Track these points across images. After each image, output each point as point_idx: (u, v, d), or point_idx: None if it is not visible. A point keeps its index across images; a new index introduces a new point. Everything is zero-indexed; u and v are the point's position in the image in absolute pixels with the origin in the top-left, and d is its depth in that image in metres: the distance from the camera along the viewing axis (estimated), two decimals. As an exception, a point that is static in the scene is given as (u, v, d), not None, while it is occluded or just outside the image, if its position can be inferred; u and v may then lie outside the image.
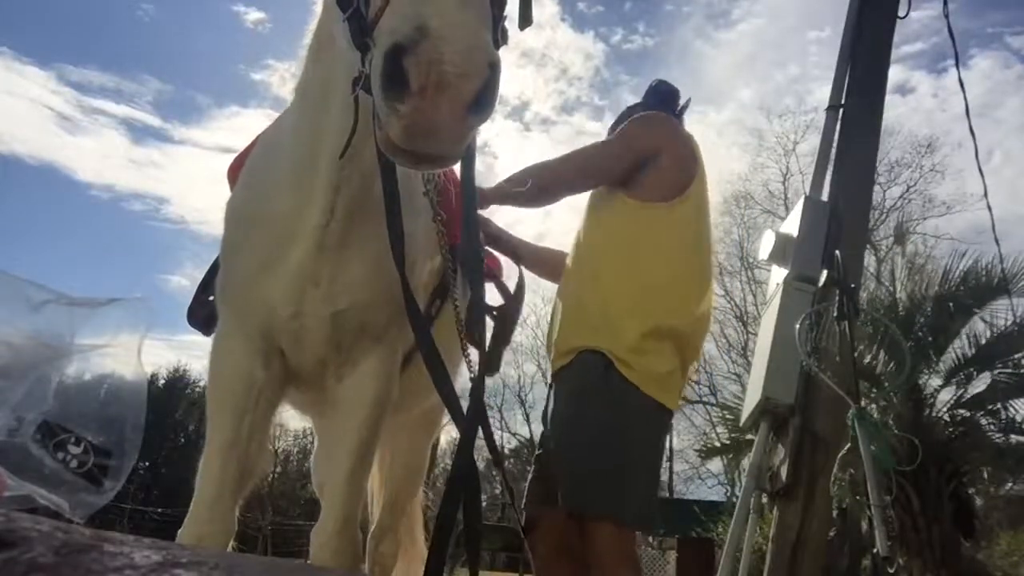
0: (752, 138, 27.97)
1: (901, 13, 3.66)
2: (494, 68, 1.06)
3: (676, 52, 36.05)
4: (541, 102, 39.21)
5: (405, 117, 1.06)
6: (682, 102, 2.47)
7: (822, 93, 3.74)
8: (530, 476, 2.30)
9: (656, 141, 2.22)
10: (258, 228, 1.75)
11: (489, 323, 2.34)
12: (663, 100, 2.45)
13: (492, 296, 2.36)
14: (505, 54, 1.20)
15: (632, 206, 2.17)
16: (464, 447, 1.52)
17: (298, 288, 1.69)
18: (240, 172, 1.94)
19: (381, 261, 1.61)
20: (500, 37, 1.29)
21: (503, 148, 39.83)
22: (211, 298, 2.01)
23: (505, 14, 1.30)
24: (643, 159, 2.19)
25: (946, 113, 27.79)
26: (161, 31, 46.47)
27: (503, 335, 2.23)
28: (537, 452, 2.33)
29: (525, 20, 1.46)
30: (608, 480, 1.98)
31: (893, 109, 29.55)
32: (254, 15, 41.69)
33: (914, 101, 31.41)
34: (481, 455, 2.11)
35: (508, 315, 2.29)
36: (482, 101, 1.07)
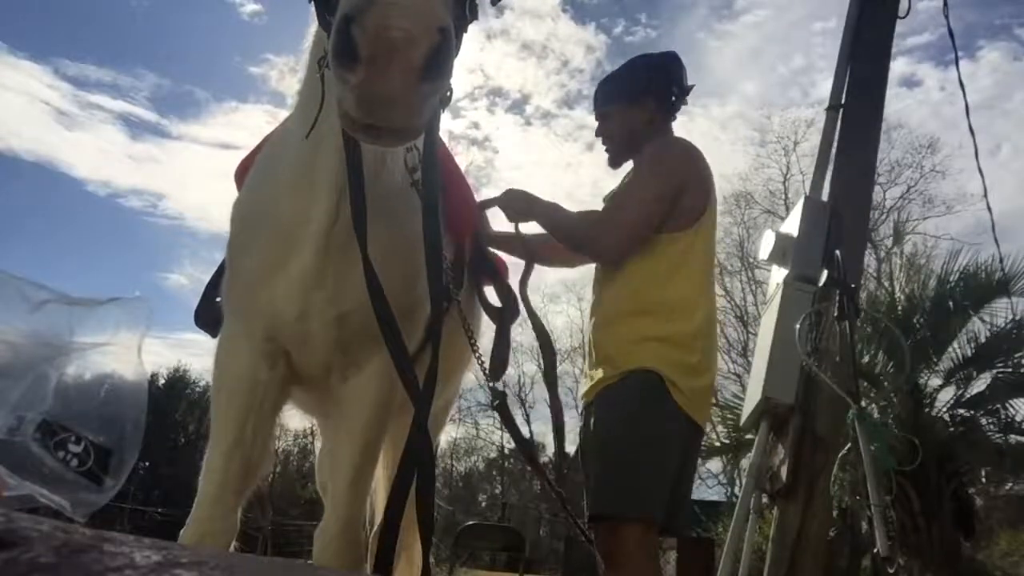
0: (756, 132, 27.96)
1: (901, 13, 3.66)
2: (444, 33, 1.06)
3: (679, 44, 35.71)
4: (542, 95, 39.10)
5: (356, 87, 1.06)
6: (688, 82, 2.38)
7: (827, 86, 3.76)
8: None
9: (682, 179, 2.18)
10: (263, 230, 1.75)
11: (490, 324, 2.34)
12: (663, 81, 2.33)
13: (492, 298, 2.36)
14: (505, 46, 1.19)
15: (660, 239, 2.18)
16: (419, 424, 1.51)
17: (303, 291, 1.68)
18: (247, 174, 1.95)
19: (386, 262, 1.60)
20: (468, 12, 1.29)
21: (504, 142, 39.86)
22: (218, 299, 2.01)
23: None
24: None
25: (954, 106, 27.75)
26: (157, 23, 46.04)
27: (501, 341, 2.24)
28: None
29: None
30: (641, 484, 2.02)
31: (899, 102, 29.45)
32: (250, 7, 41.42)
33: (921, 94, 31.19)
34: (482, 456, 2.12)
35: (504, 320, 2.28)
36: (434, 67, 1.06)
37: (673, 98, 2.34)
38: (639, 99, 2.32)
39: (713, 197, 2.24)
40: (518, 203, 2.31)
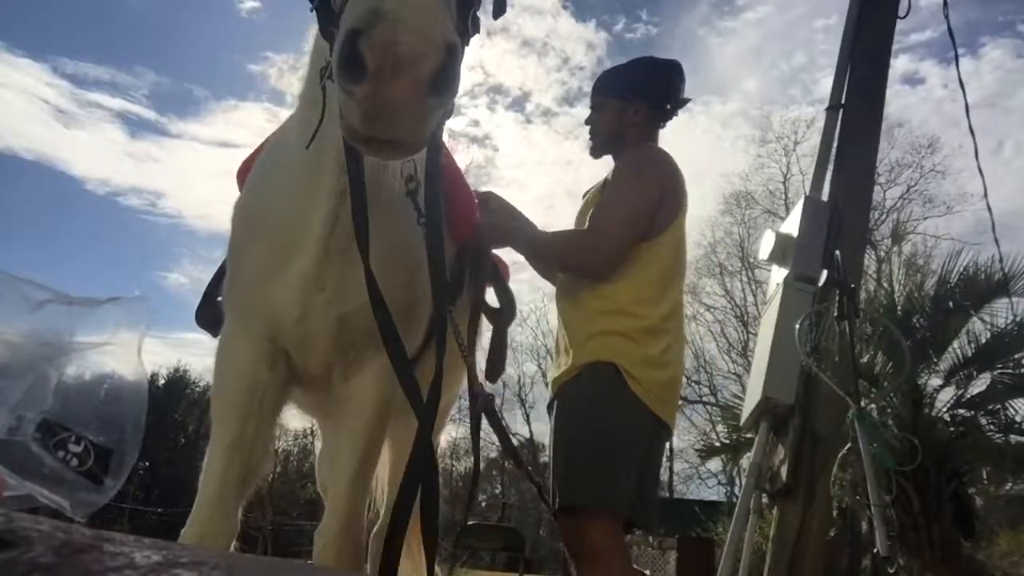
0: (756, 131, 27.93)
1: (901, 13, 3.67)
2: (452, 49, 1.06)
3: (680, 41, 35.24)
4: (542, 93, 38.93)
5: (362, 100, 1.06)
6: (683, 92, 2.37)
7: (828, 83, 3.77)
8: None
9: (663, 190, 2.19)
10: (264, 232, 1.75)
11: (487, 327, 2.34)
12: (662, 88, 2.35)
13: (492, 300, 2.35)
14: (505, 43, 1.19)
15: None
16: (423, 435, 1.52)
17: (303, 293, 1.69)
18: (248, 174, 1.95)
19: (386, 264, 1.60)
20: (471, 26, 1.29)
21: (504, 140, 39.80)
22: (220, 299, 2.01)
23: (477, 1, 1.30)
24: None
25: (956, 104, 27.63)
26: (155, 21, 45.97)
27: (498, 343, 2.24)
28: None
29: (499, 9, 1.47)
30: (602, 475, 2.02)
31: (901, 99, 29.37)
32: (248, 4, 41.31)
33: (923, 91, 31.04)
34: (482, 455, 2.11)
35: (501, 322, 2.28)
36: (441, 83, 1.06)
37: (667, 106, 2.35)
38: (633, 98, 2.32)
39: (685, 204, 2.25)
40: (496, 228, 2.27)
